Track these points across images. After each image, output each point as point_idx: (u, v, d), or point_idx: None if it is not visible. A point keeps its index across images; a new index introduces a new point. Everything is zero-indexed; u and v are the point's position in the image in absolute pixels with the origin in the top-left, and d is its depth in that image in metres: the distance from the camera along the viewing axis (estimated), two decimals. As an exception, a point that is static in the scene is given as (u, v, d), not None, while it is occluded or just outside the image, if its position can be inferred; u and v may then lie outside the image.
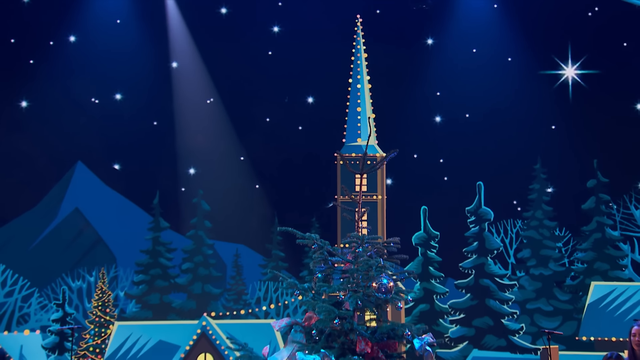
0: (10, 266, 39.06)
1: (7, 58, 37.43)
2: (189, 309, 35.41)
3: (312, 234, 13.62)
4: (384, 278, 12.81)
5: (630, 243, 36.55)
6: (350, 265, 13.17)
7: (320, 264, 13.44)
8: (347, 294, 12.79)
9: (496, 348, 31.20)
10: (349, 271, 13.08)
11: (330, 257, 13.37)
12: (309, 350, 12.56)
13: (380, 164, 14.67)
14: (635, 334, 12.36)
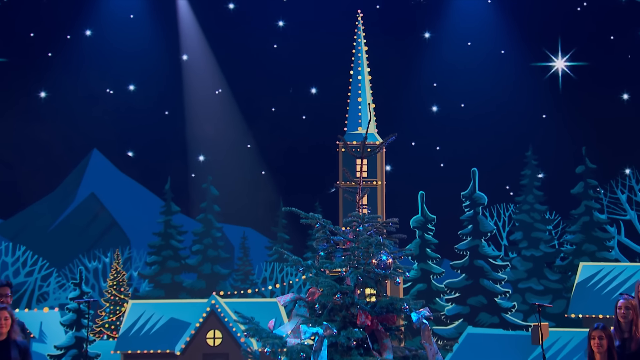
0: (30, 247, 39.12)
1: (26, 51, 37.44)
2: (199, 288, 35.43)
3: (315, 214, 13.54)
4: (383, 255, 12.75)
5: (617, 226, 36.57)
6: (351, 243, 13.11)
7: (322, 243, 13.38)
8: (348, 270, 12.73)
9: (489, 325, 31.16)
10: (350, 249, 13.02)
11: (332, 236, 13.31)
12: (312, 324, 12.52)
13: (380, 148, 14.56)
14: (620, 307, 12.31)
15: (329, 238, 13.49)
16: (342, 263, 13.05)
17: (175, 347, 28.33)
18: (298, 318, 13.07)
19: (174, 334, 29.01)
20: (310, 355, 12.28)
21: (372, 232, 13.35)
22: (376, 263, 12.84)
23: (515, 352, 27.90)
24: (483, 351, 27.71)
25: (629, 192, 37.34)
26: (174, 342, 28.67)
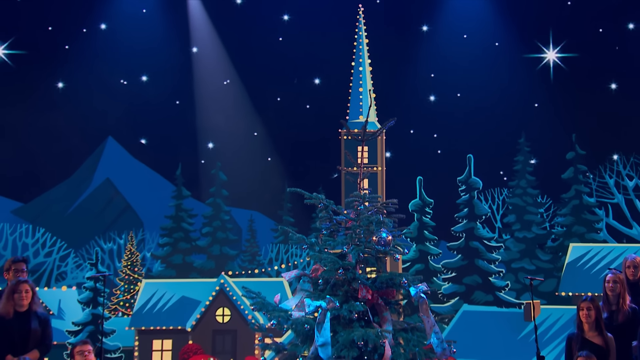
0: (49, 230, 39.19)
1: (45, 44, 37.48)
2: (209, 268, 35.46)
3: (319, 195, 13.53)
4: (383, 232, 12.74)
5: (605, 209, 36.59)
6: (353, 222, 13.10)
7: (325, 222, 13.38)
8: (350, 247, 12.72)
9: (484, 303, 31.19)
10: (352, 227, 13.01)
11: (334, 215, 13.30)
12: (316, 298, 12.52)
13: (380, 131, 14.52)
14: (609, 281, 12.31)
15: (331, 217, 13.48)
16: (344, 241, 13.03)
17: (186, 324, 28.34)
18: (302, 293, 13.07)
19: (185, 311, 29.03)
20: (314, 326, 12.27)
21: (372, 212, 13.34)
22: (376, 240, 12.83)
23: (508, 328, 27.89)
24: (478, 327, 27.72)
25: (617, 177, 37.33)
26: (185, 319, 28.69)
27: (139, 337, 28.76)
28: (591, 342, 11.55)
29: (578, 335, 11.76)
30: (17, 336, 11.65)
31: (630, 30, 36.34)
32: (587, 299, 11.75)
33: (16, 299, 11.82)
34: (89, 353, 11.19)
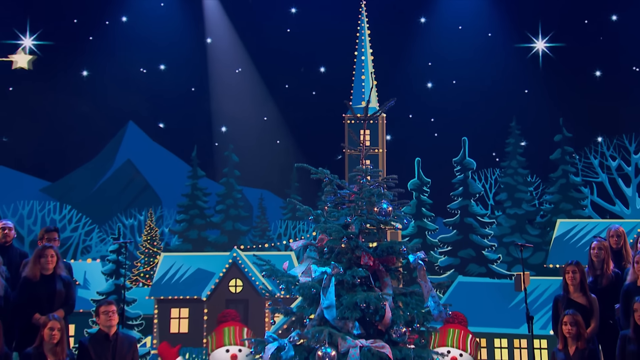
0: (75, 207, 39.28)
1: (70, 35, 37.41)
2: (222, 242, 35.48)
3: (324, 170, 13.53)
4: (384, 203, 12.74)
5: (590, 187, 36.58)
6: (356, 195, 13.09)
7: (330, 195, 13.38)
8: (353, 218, 12.73)
9: (477, 274, 31.14)
10: (355, 199, 13.00)
11: (339, 189, 13.30)
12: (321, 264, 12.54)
13: (381, 111, 14.49)
14: (594, 248, 12.32)
15: (335, 191, 13.47)
16: (348, 212, 13.04)
17: (201, 294, 28.36)
18: (309, 260, 13.10)
19: (200, 282, 29.05)
20: (320, 290, 12.28)
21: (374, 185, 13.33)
22: (377, 211, 12.83)
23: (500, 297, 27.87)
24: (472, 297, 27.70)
25: (601, 158, 37.31)
26: (200, 289, 28.72)
27: (158, 305, 28.78)
28: (576, 302, 11.56)
29: (564, 296, 11.76)
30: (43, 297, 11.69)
31: (613, 21, 36.29)
32: (572, 263, 11.76)
33: (42, 263, 11.86)
34: (113, 313, 11.21)
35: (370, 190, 12.91)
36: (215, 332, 15.55)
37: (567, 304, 11.48)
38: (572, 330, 10.63)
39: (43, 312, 11.03)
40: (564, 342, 10.76)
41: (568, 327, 10.65)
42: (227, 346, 15.12)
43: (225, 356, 15.09)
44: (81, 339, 11.26)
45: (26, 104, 37.23)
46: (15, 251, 13.21)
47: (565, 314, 10.85)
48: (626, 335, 10.46)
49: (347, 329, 11.87)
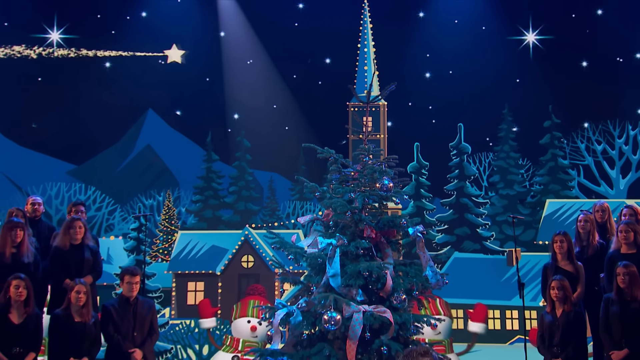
0: (99, 188, 39.38)
1: (94, 29, 37.43)
2: (235, 221, 35.52)
3: (330, 149, 13.53)
4: (385, 180, 12.73)
5: (577, 169, 36.56)
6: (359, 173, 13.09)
7: (335, 173, 13.37)
8: (357, 193, 12.72)
9: (472, 250, 31.18)
10: (358, 177, 13.00)
11: (343, 168, 13.29)
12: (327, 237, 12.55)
13: (383, 95, 14.44)
14: (580, 220, 12.31)
15: (340, 170, 13.46)
16: (352, 188, 13.02)
17: (216, 269, 28.45)
18: (316, 233, 13.08)
19: (215, 257, 29.13)
20: (326, 260, 12.28)
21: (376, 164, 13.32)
22: (379, 187, 12.81)
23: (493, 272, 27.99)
24: (467, 272, 27.80)
25: (587, 142, 37.29)
26: (215, 264, 28.80)
27: (176, 279, 28.89)
28: (563, 269, 11.57)
29: (552, 264, 11.77)
30: (72, 264, 11.75)
31: (598, 15, 36.25)
32: (560, 233, 11.78)
33: (71, 233, 11.92)
34: (136, 284, 11.26)
35: (372, 168, 12.89)
36: (241, 302, 15.55)
37: (555, 270, 11.49)
38: (559, 294, 10.64)
39: (72, 278, 11.10)
40: (552, 305, 10.78)
41: (556, 291, 10.66)
42: (249, 317, 15.16)
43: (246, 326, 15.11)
44: (105, 303, 11.33)
45: (54, 93, 37.32)
46: (44, 225, 13.33)
47: (553, 279, 10.86)
48: (609, 298, 10.48)
49: (351, 295, 11.88)
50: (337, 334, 11.50)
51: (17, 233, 11.44)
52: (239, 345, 15.12)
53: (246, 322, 15.12)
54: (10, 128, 39.43)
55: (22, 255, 11.41)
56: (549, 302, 10.88)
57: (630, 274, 10.22)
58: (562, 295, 10.67)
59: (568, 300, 10.68)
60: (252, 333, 15.07)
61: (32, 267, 11.42)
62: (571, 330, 10.60)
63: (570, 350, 10.53)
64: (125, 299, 11.16)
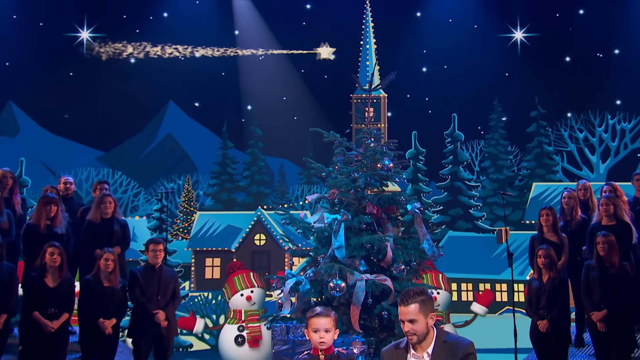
0: (125, 172, 39.47)
1: (120, 28, 37.44)
2: (248, 203, 35.60)
3: (335, 133, 13.52)
4: (386, 160, 12.72)
5: (561, 155, 36.50)
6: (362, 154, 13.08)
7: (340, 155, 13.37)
8: (360, 173, 12.72)
9: (465, 230, 31.23)
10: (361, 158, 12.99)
11: (347, 151, 13.29)
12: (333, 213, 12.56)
13: (384, 83, 14.42)
14: (564, 197, 12.33)
15: (344, 152, 13.46)
16: (355, 168, 13.04)
17: (231, 246, 28.57)
18: (322, 210, 13.10)
19: (230, 236, 29.22)
20: (331, 234, 12.31)
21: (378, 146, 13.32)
22: (380, 167, 12.80)
23: (484, 249, 28.06)
24: (461, 249, 27.86)
25: (570, 130, 37.23)
26: (230, 242, 28.91)
27: (195, 256, 29.00)
28: (549, 240, 11.60)
29: (539, 235, 11.82)
30: (103, 236, 11.85)
31: (580, 15, 36.20)
32: (547, 207, 11.82)
33: (102, 208, 12.02)
34: (160, 252, 11.36)
35: (374, 150, 12.89)
36: (227, 282, 15.64)
37: (541, 241, 11.53)
38: (545, 262, 10.67)
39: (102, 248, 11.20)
40: (538, 272, 10.81)
41: (542, 259, 10.69)
42: (240, 291, 15.22)
43: (241, 299, 15.21)
44: (132, 269, 11.43)
45: (83, 86, 37.33)
46: (75, 202, 13.44)
47: (540, 248, 10.91)
48: (590, 265, 10.56)
49: (355, 266, 11.91)
50: (342, 300, 11.54)
51: (51, 207, 11.56)
52: (242, 316, 15.24)
53: (240, 296, 15.22)
54: (44, 119, 39.54)
55: (56, 227, 11.54)
56: (536, 269, 10.91)
57: (609, 243, 10.30)
58: (548, 263, 10.71)
59: (553, 267, 10.72)
60: (248, 303, 15.19)
61: (65, 238, 11.52)
62: (556, 295, 10.67)
63: (555, 312, 10.61)
64: (150, 267, 11.26)
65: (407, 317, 5.79)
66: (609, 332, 10.22)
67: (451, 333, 6.01)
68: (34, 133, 39.72)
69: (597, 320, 10.26)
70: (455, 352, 5.78)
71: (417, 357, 5.89)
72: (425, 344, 5.84)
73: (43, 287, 10.39)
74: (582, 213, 12.34)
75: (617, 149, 36.71)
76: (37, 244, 10.86)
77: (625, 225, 11.16)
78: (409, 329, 5.80)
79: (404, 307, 5.80)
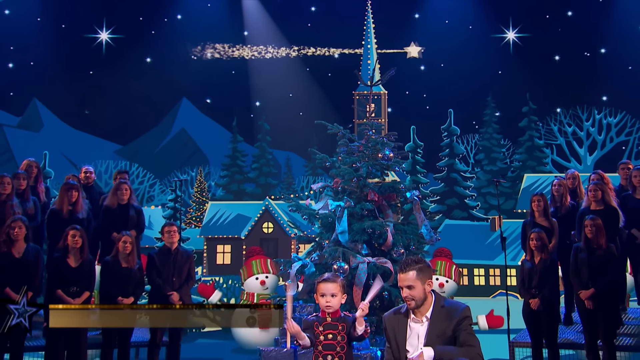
0: (141, 164, 39.49)
1: (137, 30, 37.48)
2: (257, 193, 35.52)
3: (338, 125, 13.53)
4: (387, 150, 12.72)
5: (551, 148, 36.43)
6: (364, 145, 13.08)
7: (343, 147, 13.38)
8: (362, 163, 12.72)
9: (461, 218, 31.13)
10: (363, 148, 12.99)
11: (350, 142, 13.29)
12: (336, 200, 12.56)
13: (384, 79, 14.42)
14: (555, 185, 12.39)
15: (347, 143, 13.48)
16: (357, 158, 13.03)
17: (241, 233, 28.51)
18: (326, 197, 13.10)
19: (240, 224, 29.16)
20: (335, 220, 12.30)
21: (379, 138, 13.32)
22: (381, 156, 12.80)
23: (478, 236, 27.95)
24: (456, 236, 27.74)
25: (560, 125, 37.19)
26: (240, 229, 28.85)
27: (207, 242, 28.94)
28: (540, 224, 11.62)
29: (531, 220, 11.84)
30: (119, 221, 11.89)
31: (569, 16, 36.15)
32: (538, 194, 11.85)
33: (119, 194, 12.06)
34: (175, 232, 11.46)
35: (375, 140, 12.89)
36: (245, 265, 15.68)
37: (533, 225, 11.56)
38: (537, 244, 10.69)
39: (119, 232, 11.23)
40: (531, 254, 10.83)
41: (534, 242, 10.71)
42: (256, 275, 15.24)
43: (256, 283, 15.24)
44: (149, 252, 11.48)
45: (103, 84, 37.34)
46: (95, 190, 13.51)
47: (532, 231, 10.93)
48: (578, 247, 10.59)
49: (357, 249, 11.91)
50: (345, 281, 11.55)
51: (72, 193, 11.63)
52: (254, 299, 15.27)
53: (255, 279, 15.23)
54: (67, 115, 39.61)
55: (77, 212, 11.61)
56: (528, 251, 10.94)
57: (597, 226, 10.33)
58: (540, 245, 10.73)
59: (545, 249, 10.74)
60: (262, 287, 15.22)
61: (86, 222, 11.58)
62: (547, 275, 10.70)
63: (546, 291, 10.62)
64: (166, 249, 11.30)
65: (405, 284, 5.89)
66: (596, 309, 10.24)
67: (448, 298, 6.09)
68: (56, 128, 39.75)
69: (585, 298, 10.28)
70: (453, 315, 5.86)
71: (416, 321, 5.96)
72: (424, 309, 5.92)
73: (66, 267, 10.45)
74: (571, 200, 12.37)
75: (604, 142, 36.65)
76: (60, 227, 10.94)
77: (612, 209, 11.18)
78: (407, 295, 5.88)
79: (403, 274, 5.90)
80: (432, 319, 5.81)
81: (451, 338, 5.79)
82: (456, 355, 5.61)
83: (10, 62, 36.20)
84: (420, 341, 5.84)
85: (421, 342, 5.83)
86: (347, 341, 6.20)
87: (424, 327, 5.88)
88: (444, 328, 5.81)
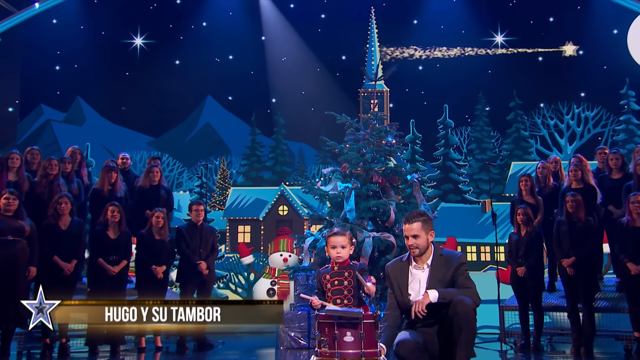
0: (171, 154, 39.67)
1: (167, 36, 37.54)
2: (273, 180, 35.61)
3: (346, 116, 13.50)
4: (390, 137, 12.69)
5: (535, 139, 36.35)
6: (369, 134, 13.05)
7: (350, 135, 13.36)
8: (367, 149, 12.70)
9: (455, 201, 31.14)
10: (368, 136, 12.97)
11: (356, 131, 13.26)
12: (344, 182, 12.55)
13: (387, 74, 14.35)
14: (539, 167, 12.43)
15: (354, 132, 13.46)
16: (363, 145, 13.01)
17: (259, 215, 28.59)
18: (335, 180, 13.09)
19: (258, 207, 29.26)
20: (344, 199, 12.28)
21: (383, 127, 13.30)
22: (385, 143, 12.76)
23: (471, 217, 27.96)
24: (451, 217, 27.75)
25: (543, 118, 37.10)
26: (258, 212, 28.94)
27: (229, 224, 29.07)
28: (527, 202, 11.59)
29: (518, 198, 11.82)
30: (152, 199, 11.91)
31: (550, 22, 35.93)
32: (525, 174, 11.80)
33: (150, 176, 12.07)
34: (202, 211, 11.48)
35: (379, 129, 12.86)
36: (274, 241, 15.74)
37: (520, 202, 11.53)
38: (524, 218, 10.68)
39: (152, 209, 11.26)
40: (518, 227, 10.82)
41: (521, 216, 10.70)
42: (281, 252, 15.30)
43: (279, 259, 15.32)
44: (178, 226, 11.51)
45: (137, 84, 37.38)
46: (131, 174, 13.55)
47: (519, 207, 10.91)
48: (560, 220, 10.59)
49: (363, 226, 11.91)
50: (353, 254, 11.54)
51: (111, 174, 11.69)
52: (276, 273, 15.33)
53: (279, 255, 15.31)
54: (106, 110, 39.78)
55: (116, 191, 11.66)
56: (515, 225, 10.94)
57: (577, 201, 10.33)
58: (526, 219, 10.72)
59: (530, 223, 10.73)
60: (284, 264, 15.30)
61: (123, 201, 11.61)
62: (532, 245, 10.70)
63: (531, 259, 10.63)
64: (193, 224, 11.33)
65: (411, 233, 5.98)
66: (576, 276, 10.24)
67: (446, 248, 6.16)
68: (97, 122, 39.87)
69: (566, 265, 10.28)
70: (450, 262, 5.95)
71: (418, 268, 6.03)
72: (425, 257, 6.00)
73: (106, 239, 10.52)
74: (554, 181, 12.33)
75: (582, 134, 36.51)
76: (101, 204, 11.02)
77: (590, 187, 11.17)
78: (412, 243, 5.98)
79: (409, 225, 5.99)
80: (432, 266, 5.93)
81: (450, 282, 5.87)
82: (456, 295, 5.66)
83: (57, 64, 36.44)
84: (422, 285, 5.91)
85: (423, 286, 5.90)
86: (354, 285, 6.20)
87: (425, 273, 5.95)
88: (443, 273, 5.88)
